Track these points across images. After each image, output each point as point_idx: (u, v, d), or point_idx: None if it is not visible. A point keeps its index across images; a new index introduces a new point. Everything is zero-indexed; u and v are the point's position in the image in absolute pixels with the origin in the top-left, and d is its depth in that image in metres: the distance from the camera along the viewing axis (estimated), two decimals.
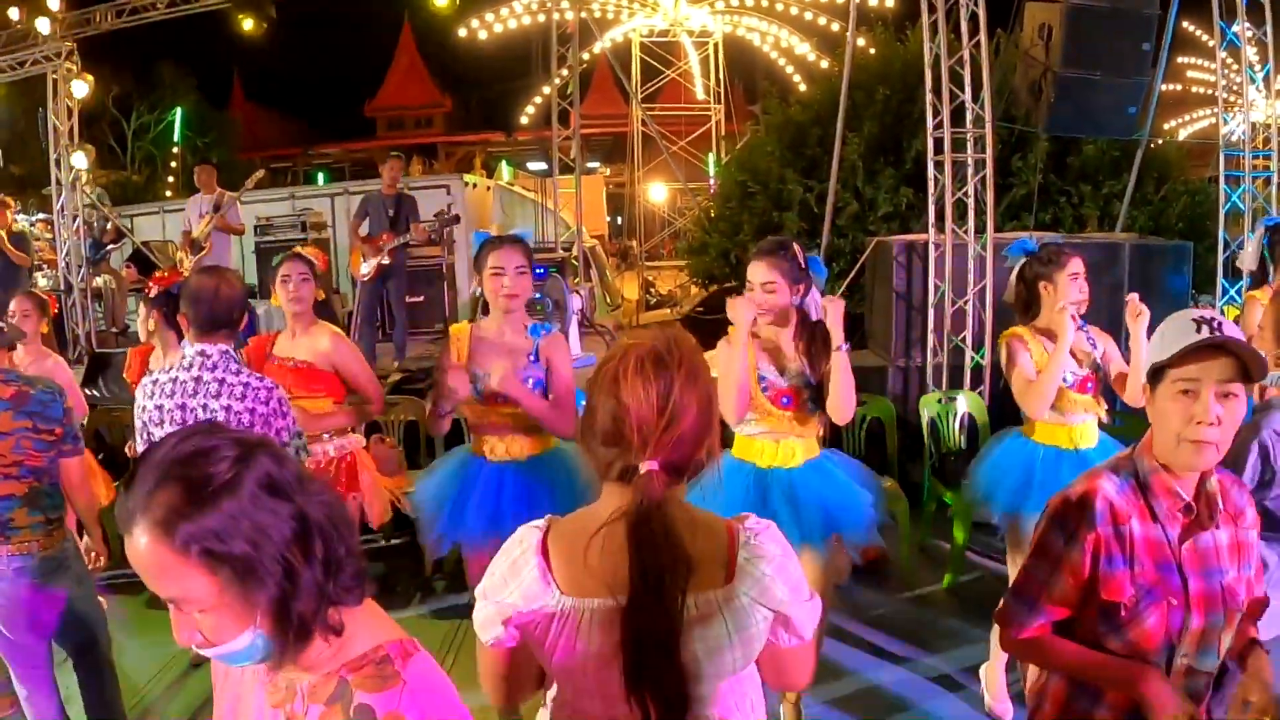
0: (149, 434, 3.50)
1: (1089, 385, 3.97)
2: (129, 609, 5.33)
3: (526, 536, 1.79)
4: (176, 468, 1.36)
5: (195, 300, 3.47)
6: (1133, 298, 3.82)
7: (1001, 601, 2.31)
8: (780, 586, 1.73)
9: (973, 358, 7.38)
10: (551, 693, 1.90)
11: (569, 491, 3.58)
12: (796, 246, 3.80)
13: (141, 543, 1.33)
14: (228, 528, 1.33)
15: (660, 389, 1.70)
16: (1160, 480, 2.09)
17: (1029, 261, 4.06)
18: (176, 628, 1.40)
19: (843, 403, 3.66)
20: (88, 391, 7.59)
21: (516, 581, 1.74)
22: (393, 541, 6.39)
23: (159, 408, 3.45)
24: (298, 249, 4.50)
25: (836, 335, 3.63)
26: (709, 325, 3.82)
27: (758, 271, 3.73)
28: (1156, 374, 2.07)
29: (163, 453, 1.38)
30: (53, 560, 3.68)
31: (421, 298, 11.04)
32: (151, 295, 4.65)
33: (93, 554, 3.92)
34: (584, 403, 1.81)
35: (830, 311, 3.64)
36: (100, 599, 5.26)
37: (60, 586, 3.74)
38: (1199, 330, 1.98)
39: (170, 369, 3.50)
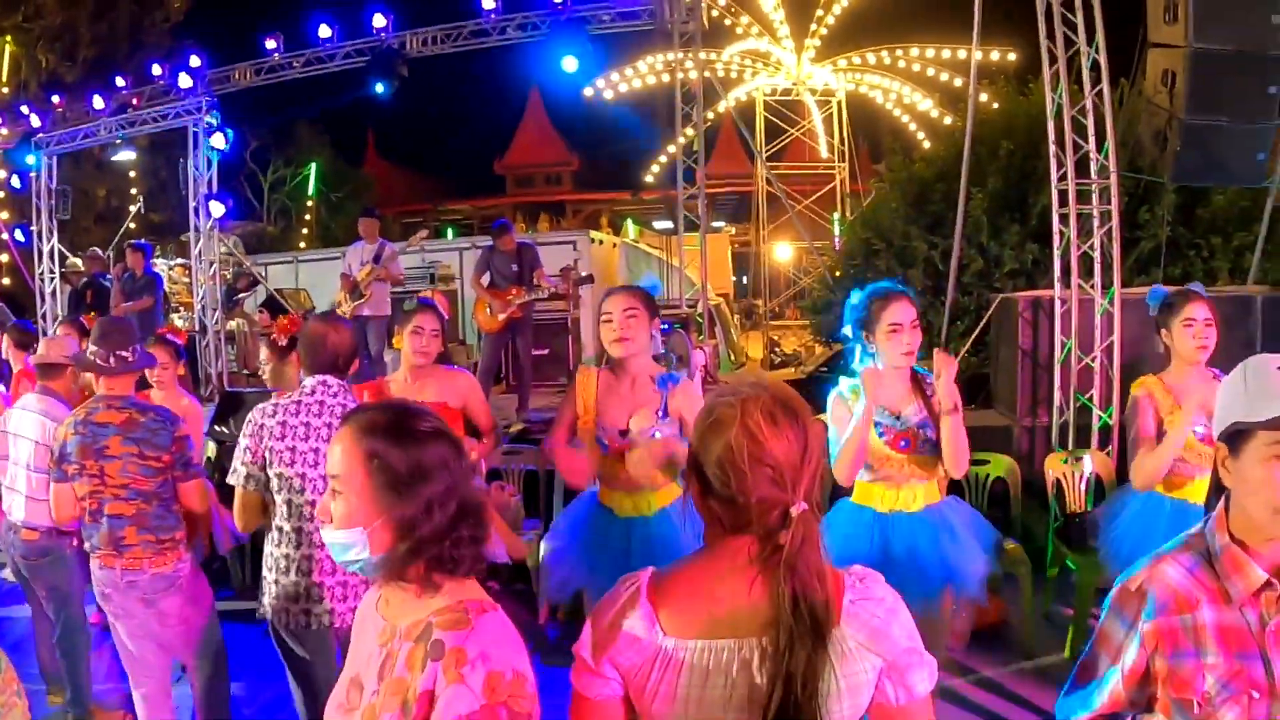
0: (263, 449, 3.50)
1: None
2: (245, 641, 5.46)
3: (631, 584, 1.80)
4: (394, 411, 1.88)
5: (307, 345, 3.66)
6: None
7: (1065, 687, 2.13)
8: (891, 633, 1.72)
9: (1100, 416, 7.16)
10: None
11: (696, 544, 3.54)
12: None
13: (341, 433, 1.85)
14: (401, 457, 1.79)
15: (798, 431, 1.73)
16: (1232, 557, 1.86)
17: (1158, 310, 3.99)
18: (320, 505, 1.87)
19: (956, 460, 3.61)
20: (218, 429, 7.83)
21: (619, 628, 1.74)
22: (515, 586, 6.42)
23: (281, 424, 3.50)
24: (429, 292, 4.61)
25: (951, 397, 3.57)
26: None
27: (901, 310, 3.71)
28: (1240, 435, 1.84)
29: (394, 403, 2.03)
30: (164, 579, 3.92)
31: (546, 350, 11.15)
32: (282, 344, 4.78)
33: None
34: (695, 459, 1.79)
35: (944, 374, 3.57)
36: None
37: (172, 603, 3.97)
38: None
39: (289, 395, 3.62)
